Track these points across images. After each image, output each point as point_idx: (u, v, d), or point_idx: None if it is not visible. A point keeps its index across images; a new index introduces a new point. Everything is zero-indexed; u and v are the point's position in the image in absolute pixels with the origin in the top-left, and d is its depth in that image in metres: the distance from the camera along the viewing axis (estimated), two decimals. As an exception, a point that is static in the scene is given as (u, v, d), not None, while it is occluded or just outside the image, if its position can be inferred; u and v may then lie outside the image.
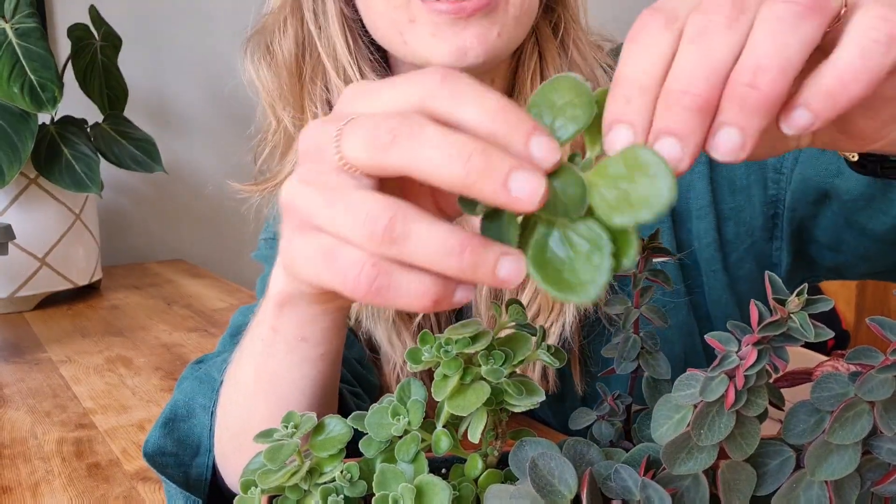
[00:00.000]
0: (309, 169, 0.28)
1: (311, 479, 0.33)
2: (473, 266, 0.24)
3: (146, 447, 0.49)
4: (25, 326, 1.09)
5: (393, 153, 0.25)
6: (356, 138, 0.26)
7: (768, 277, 0.30)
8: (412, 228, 0.25)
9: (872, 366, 0.28)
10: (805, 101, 0.24)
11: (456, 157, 0.24)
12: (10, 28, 1.07)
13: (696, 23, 0.25)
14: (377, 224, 0.25)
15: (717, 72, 0.24)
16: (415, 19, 0.51)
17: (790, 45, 0.23)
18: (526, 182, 0.23)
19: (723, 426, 0.29)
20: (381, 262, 0.26)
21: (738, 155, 0.24)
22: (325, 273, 0.27)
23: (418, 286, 0.26)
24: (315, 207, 0.27)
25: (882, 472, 0.29)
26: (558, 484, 0.28)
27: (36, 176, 1.15)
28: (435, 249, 0.25)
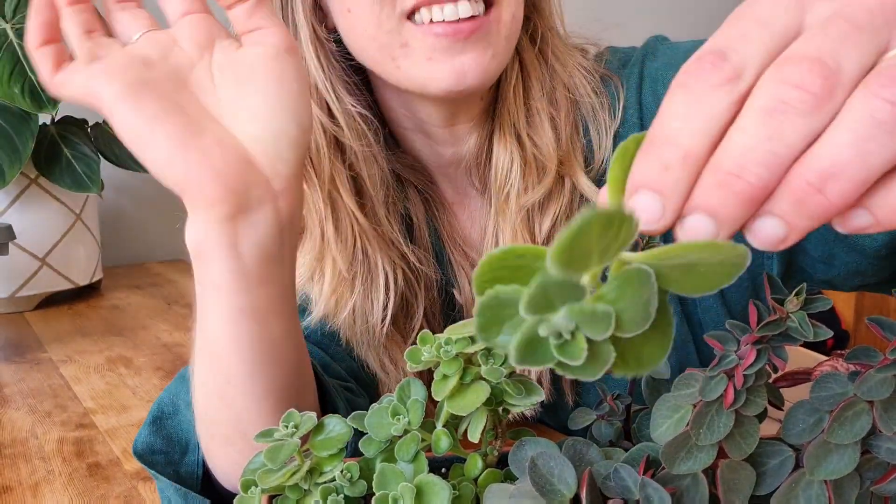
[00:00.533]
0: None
1: (311, 479, 0.33)
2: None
3: (136, 446, 0.49)
4: (26, 326, 1.09)
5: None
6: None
7: (767, 277, 0.30)
8: None
9: (871, 365, 0.28)
10: (875, 209, 0.21)
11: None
12: (10, 28, 1.07)
13: (773, 93, 0.20)
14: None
15: (783, 163, 0.20)
16: (408, 43, 0.50)
17: (876, 157, 0.20)
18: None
19: (722, 425, 0.29)
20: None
21: (776, 247, 0.21)
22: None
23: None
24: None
25: (881, 472, 0.29)
26: (558, 483, 0.28)
27: (36, 176, 1.15)
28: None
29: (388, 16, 0.50)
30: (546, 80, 0.58)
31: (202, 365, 0.44)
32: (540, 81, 0.58)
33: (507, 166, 0.57)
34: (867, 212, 0.21)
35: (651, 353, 0.20)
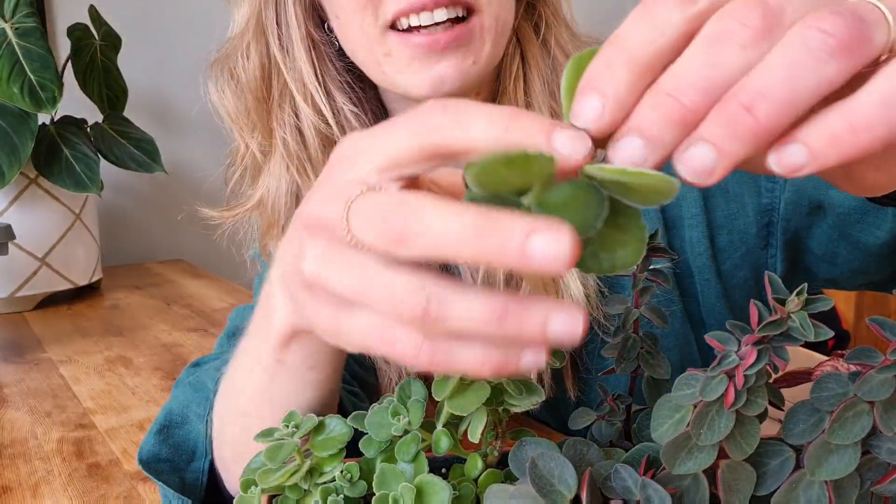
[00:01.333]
0: (324, 247, 0.27)
1: (311, 479, 0.33)
2: (518, 331, 0.23)
3: (141, 454, 0.49)
4: (25, 326, 1.09)
5: (408, 248, 0.23)
6: (367, 227, 0.25)
7: (768, 277, 0.30)
8: (447, 307, 0.23)
9: (872, 366, 0.28)
10: (805, 139, 0.21)
11: (470, 238, 0.22)
12: (9, 28, 1.07)
13: (718, 25, 0.21)
14: (415, 309, 0.24)
15: (718, 88, 0.21)
16: (390, 53, 0.51)
17: (806, 80, 0.20)
18: (546, 245, 0.21)
19: (722, 426, 0.29)
20: (436, 339, 0.25)
21: (703, 179, 0.21)
22: (380, 347, 0.26)
23: (475, 357, 0.24)
24: (349, 288, 0.26)
25: (882, 472, 0.29)
26: (558, 484, 0.28)
27: (36, 176, 1.15)
28: (475, 322, 0.23)
29: (371, 25, 0.51)
30: (548, 72, 0.58)
31: (256, 417, 0.43)
32: (541, 73, 0.58)
33: None
34: (801, 145, 0.21)
35: (624, 255, 0.23)
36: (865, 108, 0.21)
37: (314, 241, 0.27)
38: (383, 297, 0.24)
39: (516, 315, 0.22)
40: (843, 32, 0.20)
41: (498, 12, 0.53)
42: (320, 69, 0.57)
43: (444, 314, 0.23)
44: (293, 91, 0.58)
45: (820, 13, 0.21)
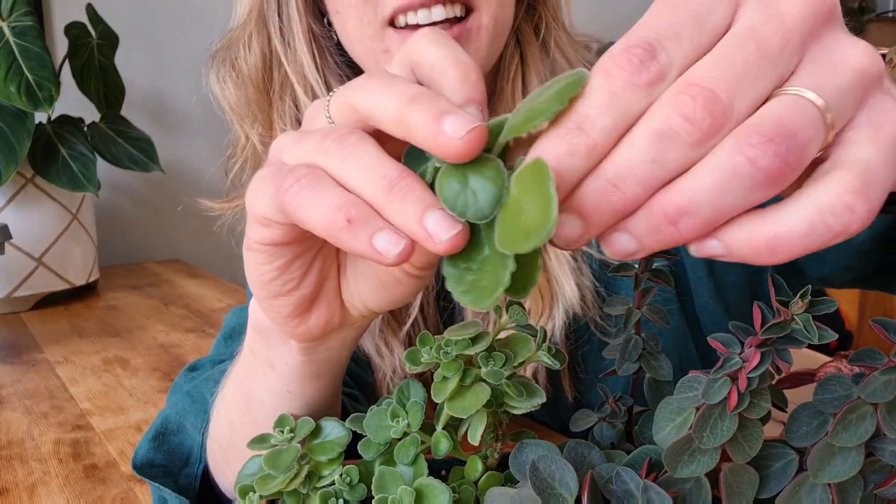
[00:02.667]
0: (289, 143, 0.29)
1: (310, 484, 0.33)
2: (401, 201, 0.24)
3: (135, 459, 0.49)
4: (22, 327, 1.09)
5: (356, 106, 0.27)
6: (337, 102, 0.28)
7: (772, 279, 0.29)
8: (357, 147, 0.26)
9: (876, 367, 0.28)
10: (727, 242, 0.22)
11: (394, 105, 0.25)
12: (6, 26, 1.07)
13: (666, 118, 0.22)
14: (329, 136, 0.26)
15: (659, 182, 0.22)
16: (388, 49, 0.52)
17: (730, 204, 0.21)
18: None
19: (725, 429, 0.28)
20: (315, 169, 0.26)
21: (625, 258, 0.23)
22: (267, 187, 0.28)
23: (340, 197, 0.25)
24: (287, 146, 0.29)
25: (885, 475, 0.29)
26: (559, 486, 0.28)
27: (33, 175, 1.15)
28: (369, 169, 0.25)
29: (371, 22, 0.51)
30: (546, 73, 0.58)
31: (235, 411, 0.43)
32: (540, 75, 0.58)
33: None
34: (720, 242, 0.22)
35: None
36: (790, 229, 0.21)
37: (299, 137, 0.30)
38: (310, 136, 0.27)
39: (410, 186, 0.24)
40: (773, 166, 0.21)
41: (497, 12, 0.53)
42: (321, 62, 0.57)
43: (351, 151, 0.26)
44: (294, 83, 0.58)
45: (756, 134, 0.21)
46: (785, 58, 0.22)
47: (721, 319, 0.60)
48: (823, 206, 0.21)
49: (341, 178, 0.26)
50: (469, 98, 0.26)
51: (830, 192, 0.21)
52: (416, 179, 0.25)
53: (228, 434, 0.44)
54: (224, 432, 0.45)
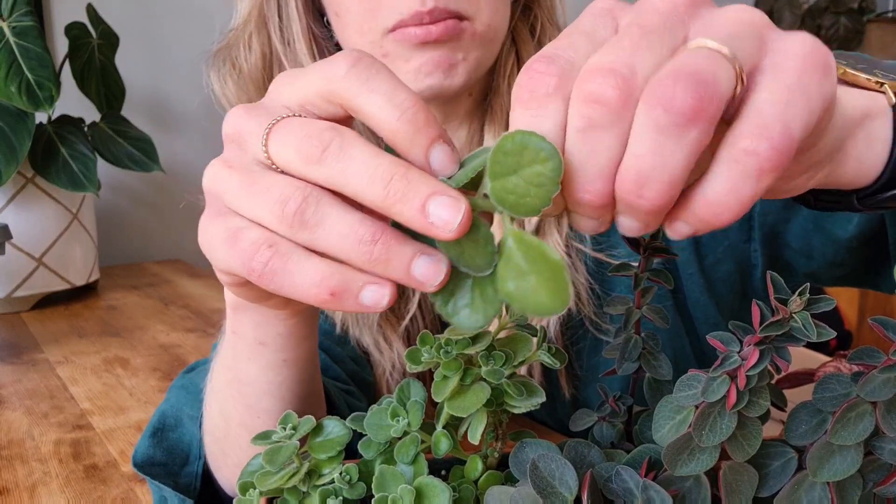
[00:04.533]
0: (232, 154, 0.28)
1: (310, 481, 0.33)
2: (385, 259, 0.24)
3: (135, 457, 0.49)
4: (22, 327, 1.09)
5: (320, 169, 0.25)
6: (286, 145, 0.26)
7: (770, 278, 0.29)
8: (325, 212, 0.25)
9: (875, 366, 0.28)
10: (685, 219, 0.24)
11: (378, 179, 0.24)
12: (7, 26, 1.07)
13: (580, 112, 0.23)
14: (289, 206, 0.25)
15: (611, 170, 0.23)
16: (388, 53, 0.52)
17: (674, 157, 0.22)
18: (443, 209, 0.23)
19: (724, 427, 0.28)
20: (279, 244, 0.25)
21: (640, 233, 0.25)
22: (228, 255, 0.27)
23: (314, 273, 0.25)
24: (233, 190, 0.27)
25: (884, 473, 0.29)
26: (559, 485, 0.28)
27: (33, 175, 1.15)
28: (344, 235, 0.24)
29: (371, 29, 0.52)
30: None
31: (229, 399, 0.43)
32: None
33: None
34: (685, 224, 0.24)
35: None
36: (716, 195, 0.23)
37: (226, 149, 0.29)
38: (264, 195, 0.26)
39: (387, 243, 0.24)
40: (688, 103, 0.21)
41: (490, 19, 0.54)
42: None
43: (320, 217, 0.25)
44: None
45: (661, 85, 0.22)
46: (670, 29, 0.23)
47: (713, 315, 0.61)
48: (731, 159, 0.22)
49: (315, 247, 0.25)
50: (430, 142, 0.25)
51: (732, 144, 0.22)
52: (391, 234, 0.25)
53: (223, 425, 0.45)
54: (218, 424, 0.45)
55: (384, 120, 0.25)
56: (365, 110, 0.26)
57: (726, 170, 0.22)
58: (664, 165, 0.22)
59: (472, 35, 0.53)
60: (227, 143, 0.29)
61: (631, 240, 0.38)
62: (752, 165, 0.22)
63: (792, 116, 0.22)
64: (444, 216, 0.23)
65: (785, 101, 0.22)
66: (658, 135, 0.22)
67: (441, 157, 0.25)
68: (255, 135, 0.27)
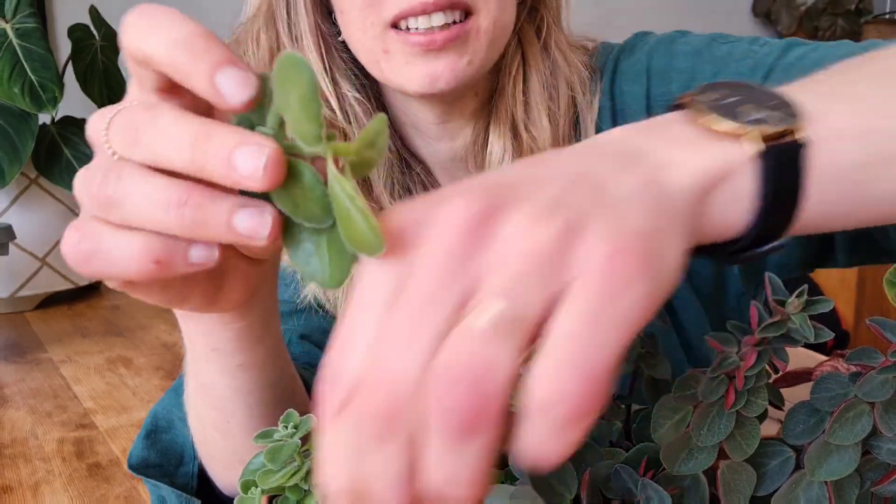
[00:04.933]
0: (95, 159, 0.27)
1: (312, 480, 0.33)
2: (202, 221, 0.23)
3: (130, 459, 0.49)
4: (26, 326, 1.09)
5: (137, 149, 0.24)
6: (116, 135, 0.25)
7: (768, 279, 0.30)
8: (128, 184, 0.24)
9: (872, 366, 0.28)
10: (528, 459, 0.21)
11: (184, 145, 0.23)
12: (10, 28, 1.07)
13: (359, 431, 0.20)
14: (91, 186, 0.24)
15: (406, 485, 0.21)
16: (389, 50, 0.52)
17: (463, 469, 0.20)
18: (247, 158, 0.22)
19: (723, 426, 0.29)
20: (85, 225, 0.24)
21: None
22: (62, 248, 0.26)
23: (132, 248, 0.24)
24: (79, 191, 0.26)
25: (882, 473, 0.29)
26: (558, 484, 0.28)
27: (36, 176, 1.15)
28: (150, 204, 0.23)
29: (373, 23, 0.52)
30: (547, 73, 0.59)
31: (199, 403, 0.44)
32: (541, 75, 0.58)
33: (499, 157, 0.58)
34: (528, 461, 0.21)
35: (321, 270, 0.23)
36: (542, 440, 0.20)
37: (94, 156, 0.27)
38: (81, 183, 0.25)
39: (198, 203, 0.23)
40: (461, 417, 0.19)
41: (497, 16, 0.53)
42: (328, 59, 0.58)
43: (122, 190, 0.23)
44: None
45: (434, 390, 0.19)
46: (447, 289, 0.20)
47: (698, 313, 0.61)
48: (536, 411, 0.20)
49: (130, 223, 0.24)
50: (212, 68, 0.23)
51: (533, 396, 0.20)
52: (201, 193, 0.23)
53: (201, 429, 0.45)
54: (197, 428, 0.45)
55: (164, 58, 0.23)
56: (152, 59, 0.24)
57: (533, 426, 0.20)
58: (455, 478, 0.20)
59: (477, 34, 0.53)
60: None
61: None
62: (558, 417, 0.19)
63: (594, 348, 0.19)
64: (248, 165, 0.22)
65: (583, 334, 0.19)
66: (441, 449, 0.20)
67: (230, 83, 0.22)
68: (102, 132, 0.26)
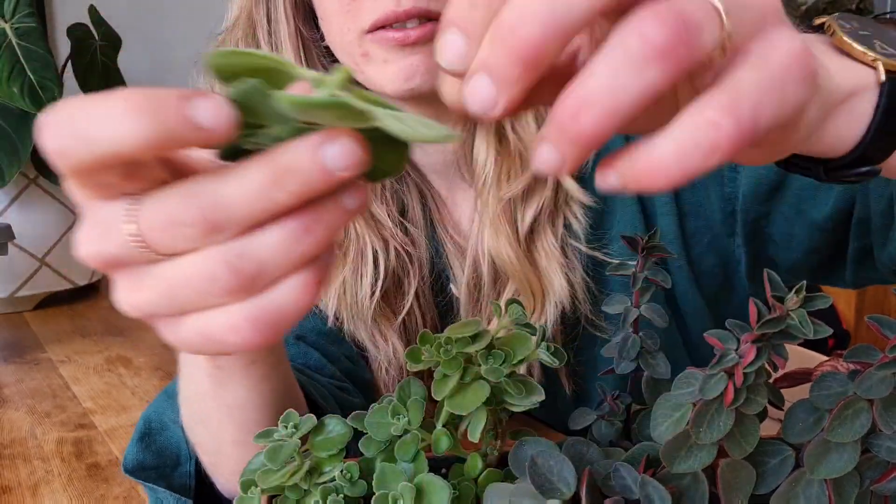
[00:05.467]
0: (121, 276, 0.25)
1: (311, 479, 0.33)
2: (326, 228, 0.22)
3: (126, 463, 0.49)
4: (25, 326, 1.09)
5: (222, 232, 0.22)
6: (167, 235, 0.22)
7: (767, 275, 0.30)
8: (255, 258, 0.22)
9: (871, 364, 0.28)
10: (620, 170, 0.22)
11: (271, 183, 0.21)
12: (9, 28, 1.07)
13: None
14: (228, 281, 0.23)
15: (557, 26, 0.20)
16: (368, 53, 0.53)
17: (628, 89, 0.20)
18: (338, 154, 0.21)
19: (722, 424, 0.29)
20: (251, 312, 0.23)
21: (557, 172, 0.22)
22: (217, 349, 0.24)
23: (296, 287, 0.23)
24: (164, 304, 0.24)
25: (881, 471, 0.29)
26: (558, 482, 0.28)
27: (36, 176, 1.15)
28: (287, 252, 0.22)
29: (350, 30, 0.53)
30: None
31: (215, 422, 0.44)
32: None
33: (483, 158, 0.58)
34: (618, 174, 0.22)
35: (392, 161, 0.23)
36: (662, 155, 0.21)
37: (116, 277, 0.25)
38: (197, 290, 0.23)
39: (315, 217, 0.22)
40: (664, 38, 0.20)
41: None
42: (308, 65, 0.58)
43: (257, 263, 0.22)
44: None
45: (643, 14, 0.20)
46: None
47: (700, 308, 0.61)
48: (690, 125, 0.21)
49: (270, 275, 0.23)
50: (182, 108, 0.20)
51: (698, 111, 0.21)
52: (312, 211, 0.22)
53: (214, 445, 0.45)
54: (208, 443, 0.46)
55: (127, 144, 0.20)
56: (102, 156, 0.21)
57: (682, 133, 0.21)
58: (613, 94, 0.20)
59: None
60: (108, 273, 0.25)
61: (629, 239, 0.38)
62: (710, 137, 0.21)
63: (764, 106, 0.21)
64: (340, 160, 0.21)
65: (762, 89, 0.21)
66: (623, 60, 0.20)
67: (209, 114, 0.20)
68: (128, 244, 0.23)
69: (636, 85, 0.20)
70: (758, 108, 0.21)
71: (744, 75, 0.22)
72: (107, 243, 0.23)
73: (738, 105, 0.21)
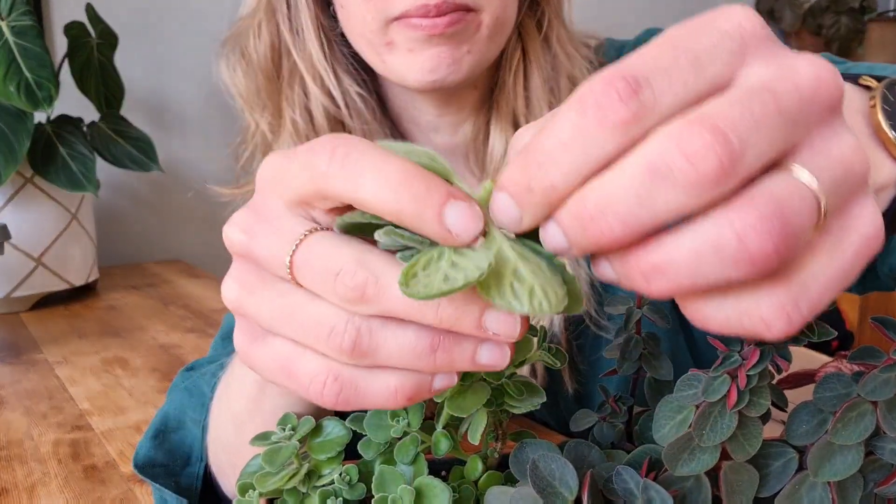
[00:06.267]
0: (249, 275, 0.26)
1: (310, 482, 0.33)
2: (449, 362, 0.24)
3: (136, 458, 0.49)
4: (21, 327, 1.09)
5: (365, 308, 0.24)
6: (318, 281, 0.24)
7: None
8: (380, 339, 0.24)
9: (875, 365, 0.28)
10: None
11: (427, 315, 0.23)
12: (6, 26, 1.06)
13: (665, 152, 0.19)
14: (344, 341, 0.24)
15: (639, 224, 0.20)
16: (392, 41, 0.52)
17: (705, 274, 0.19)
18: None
19: (725, 426, 0.28)
20: (342, 374, 0.25)
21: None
22: (287, 382, 0.26)
23: (387, 387, 0.25)
24: (268, 315, 0.25)
25: (885, 473, 0.29)
26: (559, 485, 0.28)
27: (32, 175, 1.15)
28: (405, 356, 0.24)
29: (374, 18, 0.52)
30: (548, 68, 0.59)
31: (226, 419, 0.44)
32: (542, 69, 0.59)
33: (501, 152, 0.58)
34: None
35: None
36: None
37: (242, 267, 0.26)
38: (312, 328, 0.24)
39: (447, 347, 0.24)
40: (762, 249, 0.19)
41: (499, 12, 0.54)
42: (329, 52, 0.58)
43: (376, 346, 0.24)
44: (303, 72, 0.59)
45: (746, 210, 0.19)
46: (798, 126, 0.20)
47: None
48: (756, 311, 0.20)
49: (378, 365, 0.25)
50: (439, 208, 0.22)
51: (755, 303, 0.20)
52: (448, 339, 0.24)
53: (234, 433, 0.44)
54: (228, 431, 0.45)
55: (383, 206, 0.22)
56: (360, 202, 0.23)
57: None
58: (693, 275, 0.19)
59: (479, 27, 0.53)
60: (236, 260, 0.27)
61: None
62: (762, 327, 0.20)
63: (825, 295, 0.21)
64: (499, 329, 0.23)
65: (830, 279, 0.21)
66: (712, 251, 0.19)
67: (458, 220, 0.21)
68: (275, 259, 0.25)
69: (715, 278, 0.19)
70: (822, 297, 0.21)
71: (815, 268, 0.21)
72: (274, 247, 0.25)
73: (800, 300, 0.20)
